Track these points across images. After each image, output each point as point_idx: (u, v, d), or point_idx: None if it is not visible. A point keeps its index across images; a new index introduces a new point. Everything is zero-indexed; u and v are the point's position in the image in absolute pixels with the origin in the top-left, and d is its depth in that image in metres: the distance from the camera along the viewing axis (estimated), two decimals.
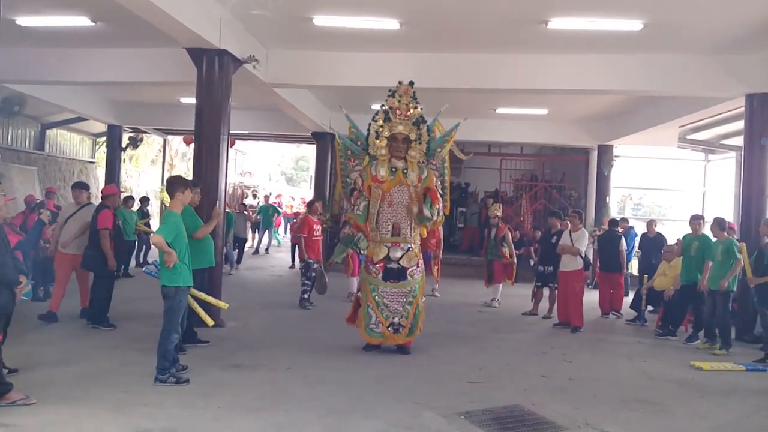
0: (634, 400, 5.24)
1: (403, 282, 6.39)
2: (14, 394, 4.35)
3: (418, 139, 6.53)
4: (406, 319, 6.37)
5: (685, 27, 7.35)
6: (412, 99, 6.55)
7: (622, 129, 12.84)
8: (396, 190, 6.50)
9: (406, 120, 6.52)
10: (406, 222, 6.47)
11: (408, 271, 6.40)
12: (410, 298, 6.40)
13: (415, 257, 6.48)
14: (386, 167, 6.54)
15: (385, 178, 6.51)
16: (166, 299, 5.07)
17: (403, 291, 6.40)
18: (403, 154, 6.53)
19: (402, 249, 6.44)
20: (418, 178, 6.50)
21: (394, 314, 6.36)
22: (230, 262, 12.80)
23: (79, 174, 16.59)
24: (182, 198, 5.22)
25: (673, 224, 14.55)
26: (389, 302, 6.37)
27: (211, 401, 4.68)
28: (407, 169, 6.52)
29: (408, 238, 6.45)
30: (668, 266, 8.70)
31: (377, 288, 6.40)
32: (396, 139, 6.51)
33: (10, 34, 8.23)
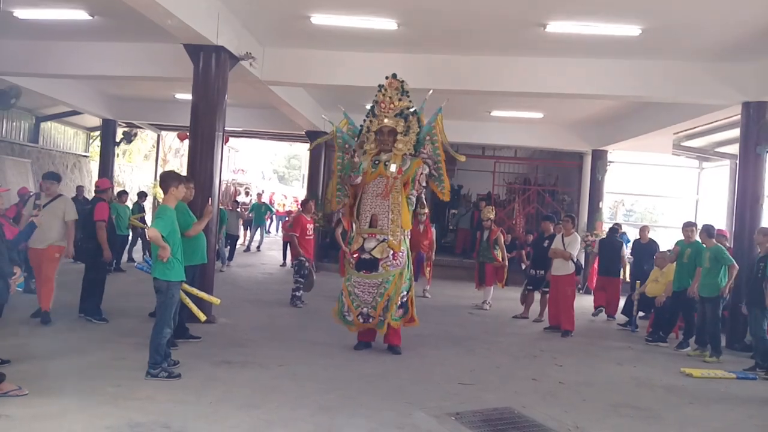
0: (623, 406, 5.27)
1: (375, 273, 6.32)
2: (6, 384, 4.33)
3: (406, 131, 6.51)
4: (374, 309, 6.32)
5: (684, 34, 7.39)
6: (399, 92, 6.53)
7: (616, 134, 12.89)
8: (375, 182, 6.46)
9: (391, 112, 6.51)
10: (385, 214, 6.43)
11: (381, 262, 6.32)
12: (381, 290, 6.31)
13: (388, 249, 6.36)
14: (369, 160, 6.51)
15: (367, 170, 6.48)
16: (159, 293, 5.07)
17: (374, 282, 6.33)
18: (391, 147, 6.51)
19: (377, 240, 6.37)
20: (398, 170, 6.42)
21: (363, 304, 6.34)
22: (222, 258, 12.75)
23: (72, 167, 16.52)
24: (175, 193, 5.22)
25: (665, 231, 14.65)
26: (360, 292, 6.36)
27: (203, 397, 4.67)
28: (389, 161, 6.46)
29: (384, 229, 6.39)
30: (660, 273, 8.75)
31: (351, 277, 6.44)
32: (383, 132, 6.51)
33: (8, 27, 8.20)
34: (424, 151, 6.63)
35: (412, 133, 6.54)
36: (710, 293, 7.33)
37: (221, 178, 8.16)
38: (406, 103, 6.58)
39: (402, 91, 6.55)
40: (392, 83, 6.53)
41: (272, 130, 16.16)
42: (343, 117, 7.09)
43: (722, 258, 7.26)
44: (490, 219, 10.13)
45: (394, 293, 6.34)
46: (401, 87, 6.55)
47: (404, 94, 6.56)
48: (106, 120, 15.36)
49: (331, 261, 13.49)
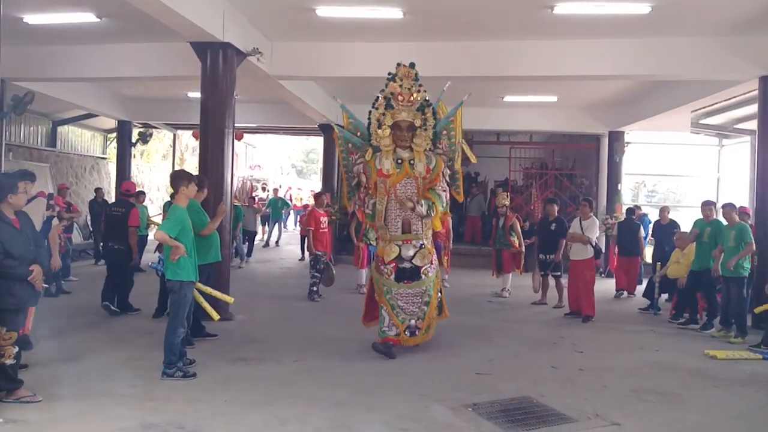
0: (645, 391, 5.17)
1: (418, 281, 5.98)
2: (22, 391, 4.39)
3: (424, 125, 6.03)
4: (423, 320, 6.01)
5: (695, 8, 7.17)
6: (414, 82, 6.04)
7: (633, 115, 12.64)
8: (403, 184, 6.00)
9: (410, 106, 5.99)
10: (417, 217, 6.01)
11: (422, 269, 6.00)
12: (426, 298, 6.02)
13: (429, 254, 6.10)
14: (391, 159, 6.02)
15: (391, 172, 5.99)
16: (171, 293, 5.11)
17: (419, 291, 6.00)
18: (408, 143, 6.03)
19: (414, 246, 6.01)
20: (426, 169, 6.01)
21: (411, 316, 5.97)
22: (240, 255, 12.85)
23: (90, 170, 16.72)
24: (186, 192, 5.23)
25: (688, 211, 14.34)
26: (404, 304, 5.96)
27: (218, 395, 4.69)
28: (414, 160, 6.01)
29: (419, 234, 6.01)
30: (681, 254, 8.56)
31: (391, 290, 5.99)
32: (400, 127, 5.99)
33: (19, 33, 8.27)
34: (440, 146, 6.23)
35: (429, 127, 6.08)
36: (735, 273, 7.16)
37: (234, 174, 8.18)
38: (423, 95, 6.10)
39: (417, 80, 6.09)
40: (407, 72, 6.02)
41: (286, 124, 16.18)
42: (342, 111, 6.61)
43: (745, 236, 7.08)
44: (505, 205, 10.02)
45: (435, 298, 6.16)
46: (417, 75, 6.08)
47: (420, 84, 6.11)
48: (121, 121, 15.52)
49: (350, 254, 13.49)
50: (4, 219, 4.28)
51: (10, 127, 12.64)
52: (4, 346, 4.24)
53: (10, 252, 4.22)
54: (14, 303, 4.28)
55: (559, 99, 12.47)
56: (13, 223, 4.36)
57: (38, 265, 4.38)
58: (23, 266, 4.29)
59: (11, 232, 4.29)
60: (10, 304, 4.25)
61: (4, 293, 4.21)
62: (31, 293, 4.39)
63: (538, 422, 4.37)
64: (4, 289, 4.21)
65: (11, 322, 4.28)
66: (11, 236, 4.27)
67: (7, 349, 4.25)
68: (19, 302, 4.32)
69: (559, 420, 4.43)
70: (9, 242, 4.23)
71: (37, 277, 4.35)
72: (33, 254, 4.41)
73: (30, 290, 4.36)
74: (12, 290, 4.25)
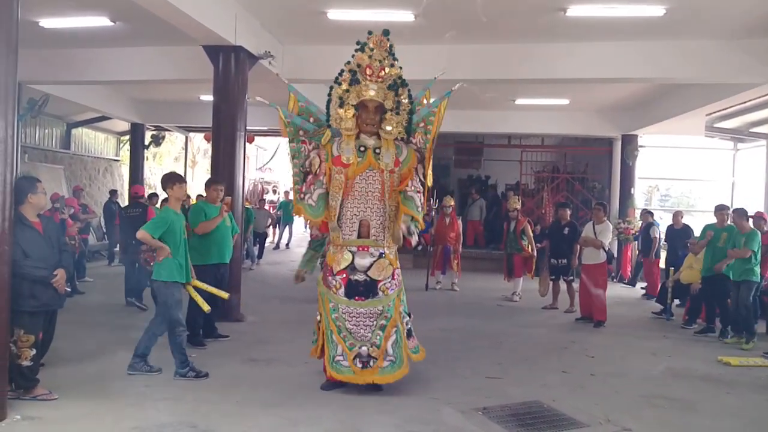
0: (657, 397, 5.12)
1: (373, 299, 4.77)
2: (38, 389, 4.45)
3: (396, 108, 4.85)
4: (378, 347, 4.75)
5: (710, 11, 7.12)
6: (388, 54, 4.84)
7: (646, 118, 12.55)
8: (364, 177, 4.84)
9: (380, 82, 4.81)
10: (379, 219, 4.83)
11: (379, 284, 4.80)
12: (383, 321, 4.77)
13: (390, 266, 4.85)
14: (352, 145, 4.85)
15: (351, 161, 4.83)
16: (157, 293, 5.14)
17: (373, 311, 4.77)
18: (376, 129, 4.87)
19: (371, 255, 4.81)
20: (394, 161, 4.84)
21: (361, 342, 4.75)
22: (251, 257, 12.91)
23: (104, 172, 16.89)
24: (173, 193, 5.21)
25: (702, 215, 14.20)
26: (354, 326, 4.76)
27: (229, 396, 4.71)
28: (380, 149, 4.86)
29: (380, 240, 4.84)
30: (695, 259, 8.47)
31: (338, 307, 4.80)
32: (366, 107, 4.83)
33: (35, 36, 8.39)
34: (414, 139, 5.07)
35: (403, 111, 4.88)
36: (746, 277, 7.10)
37: (245, 177, 8.23)
38: (398, 71, 4.88)
39: (392, 54, 4.88)
40: (379, 41, 4.81)
41: None
42: (289, 93, 5.27)
43: (749, 243, 7.01)
44: (516, 209, 9.98)
45: (401, 322, 4.87)
46: (390, 48, 4.86)
47: (396, 59, 4.91)
48: (134, 124, 15.68)
49: None
50: (24, 222, 4.33)
51: (25, 129, 12.83)
52: (22, 347, 4.29)
53: (30, 254, 4.27)
54: (34, 305, 4.33)
55: (571, 102, 12.42)
56: (35, 226, 4.41)
57: (62, 269, 4.43)
58: (46, 269, 4.34)
59: (32, 235, 4.34)
60: (30, 306, 4.30)
61: (25, 295, 4.25)
62: (54, 296, 4.44)
63: (548, 427, 4.34)
64: (25, 291, 4.25)
65: (30, 324, 4.32)
66: (31, 239, 4.32)
67: (24, 351, 4.30)
68: (39, 305, 4.36)
69: (570, 425, 4.40)
70: (28, 245, 4.28)
71: (61, 281, 4.40)
72: (56, 258, 4.46)
73: (53, 293, 4.41)
74: (33, 292, 4.30)
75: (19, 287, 4.18)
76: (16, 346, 4.26)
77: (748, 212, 7.45)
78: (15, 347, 4.25)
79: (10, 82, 4.03)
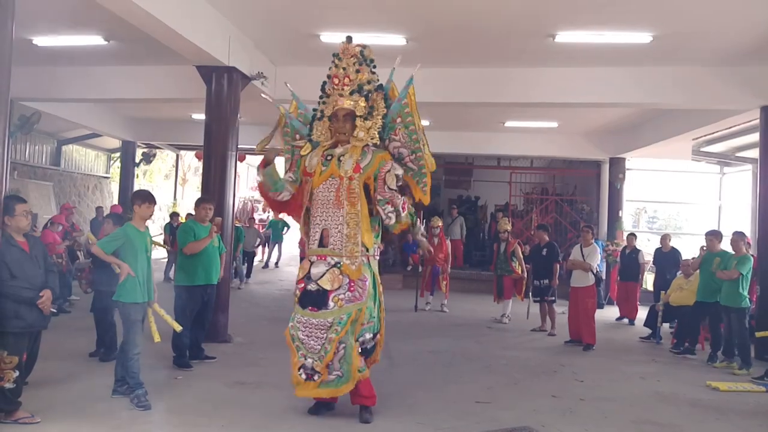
0: (646, 422, 5.11)
1: (324, 311, 4.59)
2: (20, 412, 4.36)
3: (369, 113, 4.77)
4: (321, 362, 4.56)
5: (696, 38, 7.27)
6: (358, 61, 4.77)
7: (633, 141, 12.72)
8: (327, 185, 4.74)
9: (347, 89, 4.75)
10: (337, 227, 4.67)
11: (331, 295, 4.60)
12: (332, 334, 4.56)
13: (344, 277, 4.61)
14: (319, 155, 4.83)
15: (315, 170, 4.79)
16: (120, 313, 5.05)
17: (323, 323, 4.57)
18: (349, 137, 4.79)
19: (326, 264, 4.66)
20: (354, 167, 4.67)
21: (309, 353, 4.60)
22: (240, 276, 12.83)
23: (93, 189, 16.80)
24: (139, 211, 5.10)
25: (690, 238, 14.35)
26: (305, 336, 4.63)
27: (215, 419, 4.64)
28: (344, 155, 4.77)
29: (339, 249, 4.65)
30: (685, 281, 8.53)
31: (294, 316, 4.74)
32: (337, 117, 4.77)
33: (28, 54, 8.38)
34: (396, 137, 4.87)
35: (376, 115, 4.80)
36: (735, 303, 7.13)
37: (236, 196, 8.21)
38: (367, 76, 4.80)
39: (363, 60, 4.79)
40: (348, 49, 4.76)
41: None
42: (292, 100, 5.42)
43: (740, 267, 7.06)
44: (506, 230, 10.02)
45: (350, 337, 4.60)
46: (361, 54, 4.79)
47: (367, 64, 4.81)
48: (125, 141, 15.65)
49: None
50: (11, 242, 4.28)
51: (15, 145, 12.75)
52: (5, 369, 4.21)
53: (16, 274, 4.22)
54: (20, 326, 4.26)
55: (560, 125, 12.57)
56: (22, 245, 4.37)
57: (49, 290, 4.38)
58: (31, 290, 4.28)
59: (19, 255, 4.30)
60: (15, 326, 4.23)
61: (10, 316, 4.19)
62: (39, 317, 4.38)
63: None
64: (10, 312, 4.19)
65: (14, 345, 4.25)
66: (18, 259, 4.27)
67: (8, 373, 4.22)
68: (24, 325, 4.30)
69: None
70: (15, 265, 4.23)
71: (47, 302, 4.34)
72: (42, 278, 4.41)
73: (38, 314, 4.35)
74: (18, 313, 4.24)
75: (3, 308, 4.12)
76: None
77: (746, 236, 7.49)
78: None
79: (2, 100, 4.02)
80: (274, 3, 6.82)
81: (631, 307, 10.50)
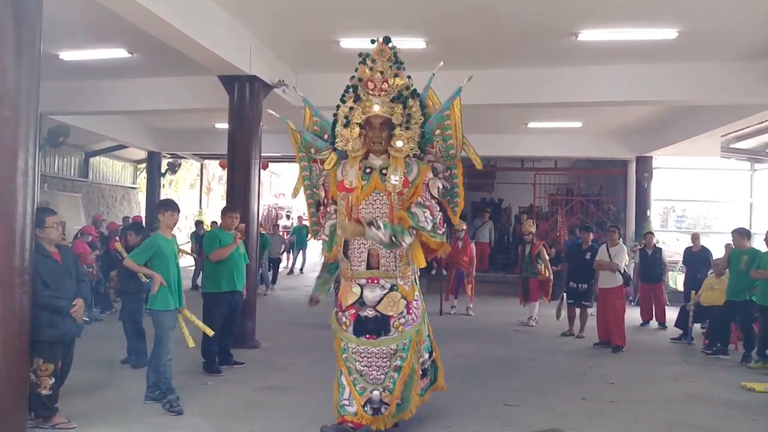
0: (678, 424, 5.01)
1: (386, 337, 4.24)
2: (57, 417, 4.48)
3: (407, 122, 4.35)
4: (391, 393, 4.22)
5: (723, 33, 7.12)
6: (393, 63, 4.35)
7: (660, 140, 12.51)
8: (370, 201, 4.31)
9: (383, 95, 4.31)
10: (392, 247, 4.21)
11: (392, 320, 4.26)
12: (397, 362, 4.24)
13: (403, 300, 4.31)
14: (357, 167, 4.38)
15: (355, 184, 4.35)
16: (153, 321, 5.15)
17: (386, 351, 4.23)
18: (384, 147, 4.37)
19: (382, 288, 4.29)
20: (403, 181, 4.28)
21: (374, 385, 4.23)
22: (265, 282, 12.93)
23: (121, 199, 17.14)
24: (164, 220, 5.22)
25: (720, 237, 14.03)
26: (365, 367, 4.24)
27: (244, 424, 4.69)
28: (387, 169, 4.34)
29: (392, 271, 4.30)
30: (716, 280, 8.34)
31: (348, 346, 4.32)
32: (371, 124, 4.34)
33: (55, 69, 8.61)
34: (432, 150, 4.52)
35: (414, 125, 4.39)
36: None
37: (260, 203, 8.29)
38: (405, 81, 4.41)
39: (397, 63, 4.39)
40: (382, 50, 4.33)
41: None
42: (304, 107, 4.95)
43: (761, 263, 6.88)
44: (531, 232, 9.91)
45: (416, 362, 4.36)
46: (395, 55, 4.37)
47: (400, 67, 4.41)
48: (151, 152, 15.95)
49: None
50: (44, 253, 4.39)
51: (45, 158, 13.08)
52: (42, 377, 4.33)
53: (50, 284, 4.33)
54: (54, 335, 4.38)
55: (584, 125, 12.43)
56: (54, 256, 4.48)
57: (81, 299, 4.50)
58: (65, 299, 4.40)
59: (51, 266, 4.41)
60: (49, 336, 4.34)
61: (44, 325, 4.29)
62: (72, 325, 4.50)
63: None
64: (44, 321, 4.29)
65: (49, 353, 4.37)
66: (50, 269, 4.39)
67: (44, 380, 4.34)
68: (58, 334, 4.41)
69: None
70: (48, 275, 4.34)
71: (79, 311, 4.46)
72: (74, 288, 4.53)
73: (71, 322, 4.46)
74: (52, 322, 4.34)
75: (38, 317, 4.22)
76: (36, 375, 4.30)
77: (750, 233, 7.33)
78: (34, 376, 4.29)
79: (32, 115, 4.13)
80: (292, 11, 6.88)
81: (658, 309, 10.11)
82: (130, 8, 5.39)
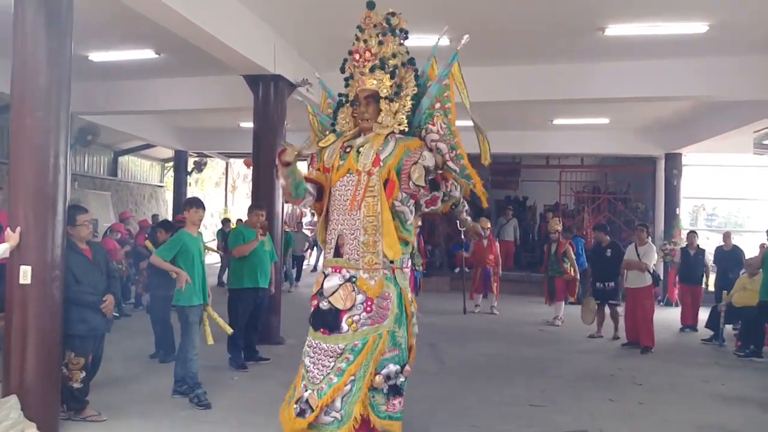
0: (709, 427, 4.90)
1: (335, 335, 3.58)
2: (88, 410, 4.59)
3: (395, 93, 3.75)
4: (320, 398, 3.48)
5: (754, 26, 6.92)
6: (381, 30, 3.76)
7: (690, 136, 12.22)
8: (344, 183, 3.73)
9: (368, 64, 3.75)
10: (352, 233, 3.65)
11: (344, 316, 3.58)
12: (342, 364, 3.53)
13: (358, 294, 3.58)
14: (338, 147, 3.84)
15: (334, 164, 3.81)
16: (179, 317, 5.24)
17: (332, 349, 3.56)
18: (372, 123, 3.79)
19: (341, 277, 3.65)
20: (374, 159, 3.62)
21: (311, 384, 3.56)
22: (289, 279, 13.03)
23: (149, 198, 17.44)
24: (189, 216, 5.30)
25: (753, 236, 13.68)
26: (311, 363, 3.62)
27: (272, 419, 4.68)
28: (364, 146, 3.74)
29: (355, 260, 3.64)
30: (749, 280, 8.13)
31: (307, 338, 3.77)
32: (359, 101, 3.81)
33: (84, 70, 8.78)
34: (433, 127, 3.75)
35: (404, 96, 3.78)
36: None
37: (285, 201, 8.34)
38: (392, 48, 3.77)
39: (389, 30, 3.78)
40: (367, 17, 3.78)
41: None
42: (321, 88, 4.61)
43: None
44: (557, 231, 9.80)
45: (364, 371, 3.52)
46: (388, 21, 3.77)
47: (394, 33, 3.79)
48: (178, 151, 16.19)
49: None
50: (75, 249, 4.50)
51: (75, 157, 13.37)
52: (73, 370, 4.45)
53: (81, 280, 4.44)
54: (85, 329, 4.48)
55: (611, 121, 12.22)
56: (85, 253, 4.58)
57: (111, 295, 4.61)
58: (95, 295, 4.51)
59: (82, 262, 4.52)
60: (80, 330, 4.45)
61: (75, 320, 4.40)
62: (102, 320, 4.60)
63: None
64: (75, 316, 4.40)
65: (80, 347, 4.48)
66: (82, 265, 4.50)
67: (75, 374, 4.46)
68: (89, 329, 4.51)
69: None
70: (79, 271, 4.45)
71: (109, 306, 4.57)
72: (105, 284, 4.63)
73: (101, 317, 4.57)
74: (83, 317, 4.45)
75: (69, 312, 4.33)
76: (67, 369, 4.42)
77: None
78: (66, 369, 4.41)
79: (63, 115, 4.22)
80: (316, 10, 6.90)
81: (694, 312, 9.72)
82: (156, 9, 5.47)
